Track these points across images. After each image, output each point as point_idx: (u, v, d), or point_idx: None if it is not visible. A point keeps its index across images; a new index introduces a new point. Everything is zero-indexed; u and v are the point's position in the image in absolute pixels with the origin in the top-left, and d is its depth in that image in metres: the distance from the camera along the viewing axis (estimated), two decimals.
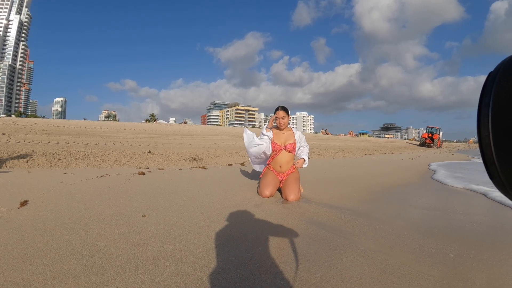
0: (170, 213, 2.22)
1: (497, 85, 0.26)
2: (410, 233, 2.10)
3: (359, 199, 3.14)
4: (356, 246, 1.79)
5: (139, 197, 2.68)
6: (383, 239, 1.96)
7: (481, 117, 0.27)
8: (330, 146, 16.09)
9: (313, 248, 1.70)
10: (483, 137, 0.26)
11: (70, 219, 2.02)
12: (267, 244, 1.72)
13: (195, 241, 1.71)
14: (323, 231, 2.00)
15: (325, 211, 2.51)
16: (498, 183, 0.27)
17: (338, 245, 1.79)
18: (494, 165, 0.26)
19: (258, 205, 2.59)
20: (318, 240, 1.85)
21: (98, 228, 1.87)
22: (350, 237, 1.94)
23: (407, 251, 1.80)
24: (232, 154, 7.85)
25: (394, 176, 5.46)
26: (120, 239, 1.70)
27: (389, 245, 1.86)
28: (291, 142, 3.04)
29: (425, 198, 3.53)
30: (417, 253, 1.77)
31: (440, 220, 2.58)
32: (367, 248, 1.78)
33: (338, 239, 1.88)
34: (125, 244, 1.64)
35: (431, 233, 2.16)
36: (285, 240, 1.80)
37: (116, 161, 4.89)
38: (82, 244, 1.63)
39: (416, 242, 1.94)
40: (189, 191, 3.01)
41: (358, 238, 1.95)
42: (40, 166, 4.41)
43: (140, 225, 1.93)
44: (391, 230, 2.14)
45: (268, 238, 1.81)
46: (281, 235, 1.88)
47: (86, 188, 3.00)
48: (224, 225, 1.99)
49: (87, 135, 10.31)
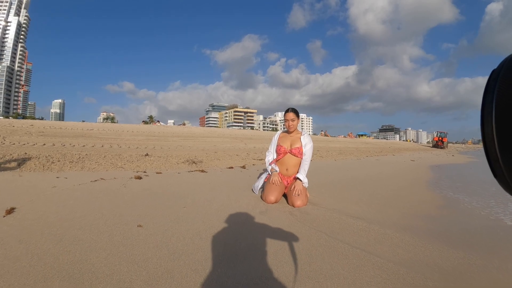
0: (168, 223, 2.03)
1: (500, 83, 0.25)
2: (428, 242, 1.94)
3: (368, 204, 2.97)
4: (375, 258, 1.62)
5: (135, 204, 2.50)
6: (401, 250, 1.79)
7: (485, 115, 0.26)
8: (330, 148, 15.93)
9: (328, 262, 1.53)
10: (487, 134, 0.26)
11: (59, 230, 1.84)
12: (277, 258, 1.54)
13: (197, 255, 1.53)
14: (336, 242, 1.83)
15: (335, 219, 2.34)
16: (502, 180, 0.26)
17: (355, 258, 1.62)
18: (498, 163, 0.25)
19: (263, 212, 2.42)
20: (332, 252, 1.67)
21: (89, 240, 1.69)
22: (366, 248, 1.77)
23: (428, 262, 1.63)
24: (233, 157, 7.67)
25: (400, 178, 5.30)
26: (112, 253, 1.52)
27: (408, 257, 1.69)
28: (298, 146, 2.89)
29: (436, 202, 3.36)
30: (440, 265, 1.61)
31: (457, 226, 2.41)
32: (387, 260, 1.61)
33: (354, 251, 1.70)
34: (118, 260, 1.46)
35: (450, 241, 2.00)
36: (296, 253, 1.62)
37: (112, 164, 4.69)
38: (70, 259, 1.45)
39: (437, 253, 1.77)
40: (189, 197, 2.83)
41: (375, 249, 1.78)
42: (32, 169, 4.22)
43: (135, 237, 1.75)
44: (407, 240, 1.97)
45: (277, 251, 1.63)
46: (291, 246, 1.70)
47: (78, 193, 2.82)
48: (228, 236, 1.82)
49: (84, 137, 10.10)
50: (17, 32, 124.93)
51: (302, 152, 2.88)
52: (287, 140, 2.96)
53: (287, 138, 2.98)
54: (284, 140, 2.98)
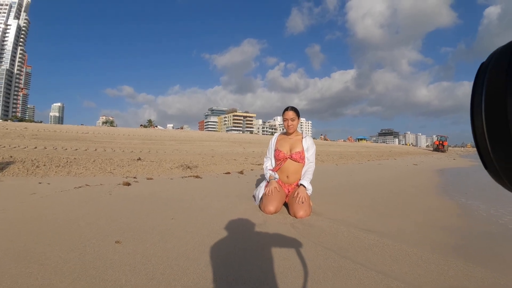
0: (151, 238, 1.76)
1: (489, 75, 0.25)
2: (450, 259, 1.67)
3: (377, 214, 2.70)
4: (394, 283, 1.35)
5: (118, 214, 2.23)
6: (421, 270, 1.53)
7: (474, 107, 0.26)
8: (331, 152, 15.68)
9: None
10: (477, 127, 0.26)
11: (26, 246, 1.58)
12: (277, 286, 1.27)
13: (180, 282, 1.26)
14: (347, 262, 1.56)
15: (343, 232, 2.07)
16: (493, 172, 0.26)
17: (371, 283, 1.35)
18: (488, 155, 0.26)
19: (261, 224, 2.14)
20: (343, 276, 1.40)
21: (56, 259, 1.42)
22: (382, 269, 1.50)
23: (455, 285, 1.38)
24: (230, 161, 7.40)
25: (407, 183, 5.03)
26: (80, 278, 1.25)
27: (431, 280, 1.43)
28: (298, 150, 2.59)
29: (449, 210, 3.09)
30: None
31: (477, 238, 2.15)
32: (408, 284, 1.35)
33: (368, 274, 1.44)
34: (84, 287, 1.19)
35: (473, 257, 1.74)
36: (301, 278, 1.35)
37: (101, 169, 4.41)
38: (30, 284, 1.19)
39: (462, 273, 1.52)
40: (179, 207, 2.56)
41: (392, 269, 1.51)
42: (15, 174, 3.94)
43: (110, 257, 1.48)
44: (427, 257, 1.70)
45: (278, 276, 1.36)
46: (295, 269, 1.43)
47: (58, 201, 2.55)
48: (221, 257, 1.54)
49: (77, 140, 9.82)
50: (17, 35, 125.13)
51: (303, 157, 2.59)
52: (286, 143, 2.66)
53: (286, 141, 2.68)
54: (282, 143, 2.68)
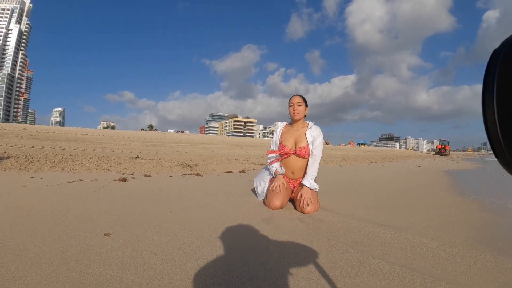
0: (144, 231, 1.58)
1: (501, 63, 0.25)
2: (476, 251, 1.50)
3: (387, 209, 2.52)
4: (421, 277, 1.17)
5: (111, 208, 2.05)
6: (446, 263, 1.35)
7: (486, 95, 0.26)
8: (333, 155, 15.48)
9: (362, 285, 1.08)
10: (489, 115, 0.26)
11: (5, 235, 1.41)
12: (288, 284, 1.09)
13: (174, 279, 1.08)
14: (365, 256, 1.38)
15: (356, 226, 1.88)
16: (504, 161, 0.26)
17: (395, 276, 1.17)
18: (499, 143, 0.25)
19: (267, 219, 1.96)
20: (363, 270, 1.22)
21: (35, 251, 1.25)
22: (405, 263, 1.32)
23: (486, 276, 1.21)
24: (232, 161, 7.22)
25: (414, 181, 4.83)
26: (58, 271, 1.08)
27: (460, 272, 1.26)
28: (303, 145, 2.36)
29: (462, 205, 2.90)
30: (501, 280, 1.19)
31: (500, 231, 1.97)
32: (437, 279, 1.17)
33: (391, 267, 1.25)
34: (62, 281, 1.01)
35: (501, 249, 1.57)
36: (316, 275, 1.16)
37: (97, 166, 4.23)
38: (1, 275, 1.02)
39: (491, 263, 1.35)
40: (177, 202, 2.38)
41: (415, 263, 1.33)
42: (7, 168, 3.77)
43: (96, 249, 1.30)
44: (450, 249, 1.53)
45: (289, 272, 1.18)
46: (307, 265, 1.25)
47: (48, 195, 2.38)
48: (222, 251, 1.36)
49: (76, 141, 9.66)
50: (18, 40, 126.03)
51: (309, 152, 2.36)
52: (290, 137, 2.44)
53: (291, 134, 2.45)
54: (287, 137, 2.46)
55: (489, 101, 0.26)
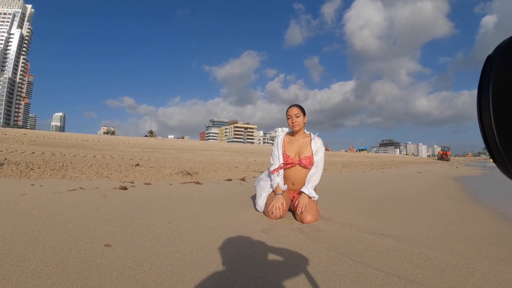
0: (144, 242, 1.59)
1: (496, 67, 0.25)
2: (472, 261, 1.51)
3: (387, 218, 2.52)
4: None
5: (111, 217, 2.06)
6: (445, 274, 1.36)
7: (482, 100, 0.26)
8: (333, 161, 15.48)
9: None
10: (485, 120, 0.26)
11: (6, 245, 1.45)
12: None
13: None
14: (364, 267, 1.38)
15: (355, 236, 1.89)
16: (502, 165, 0.26)
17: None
18: (497, 148, 0.25)
19: (266, 229, 1.97)
20: (362, 281, 1.22)
21: (36, 261, 1.26)
22: (403, 274, 1.32)
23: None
24: (232, 169, 7.23)
25: (412, 190, 4.83)
26: (60, 282, 1.09)
27: (459, 283, 1.26)
28: (308, 155, 2.33)
29: (463, 214, 2.90)
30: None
31: (503, 242, 1.97)
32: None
33: (389, 279, 1.26)
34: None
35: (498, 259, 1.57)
36: (315, 287, 1.17)
37: (97, 173, 4.25)
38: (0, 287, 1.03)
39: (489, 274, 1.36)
40: (177, 211, 2.39)
41: (414, 274, 1.33)
42: (8, 175, 3.79)
43: (97, 260, 1.31)
44: (449, 260, 1.53)
45: (289, 284, 1.19)
46: (307, 277, 1.26)
47: (48, 203, 2.38)
48: (221, 263, 1.37)
49: (77, 147, 9.69)
50: (20, 44, 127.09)
51: (313, 162, 2.34)
52: (293, 146, 2.40)
53: (293, 144, 2.41)
54: (290, 147, 2.41)
55: (485, 106, 0.25)
